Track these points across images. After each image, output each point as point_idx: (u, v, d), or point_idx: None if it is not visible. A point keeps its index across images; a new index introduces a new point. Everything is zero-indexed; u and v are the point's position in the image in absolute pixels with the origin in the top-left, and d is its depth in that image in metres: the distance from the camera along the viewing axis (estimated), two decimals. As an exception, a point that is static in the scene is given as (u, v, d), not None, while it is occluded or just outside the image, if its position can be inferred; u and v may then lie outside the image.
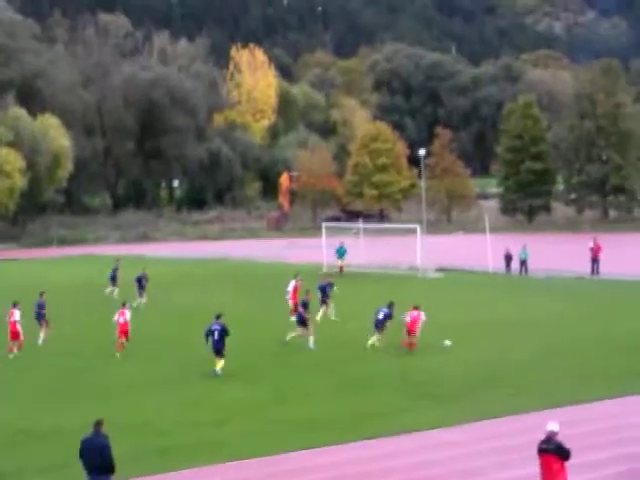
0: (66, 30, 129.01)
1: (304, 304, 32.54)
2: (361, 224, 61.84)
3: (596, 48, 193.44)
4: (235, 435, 21.46)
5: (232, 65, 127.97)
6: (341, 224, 70.63)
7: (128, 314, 31.91)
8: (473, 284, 50.57)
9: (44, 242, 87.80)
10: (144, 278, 43.29)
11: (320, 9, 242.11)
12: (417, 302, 31.67)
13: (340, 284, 41.46)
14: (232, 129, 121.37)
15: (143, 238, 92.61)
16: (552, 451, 14.57)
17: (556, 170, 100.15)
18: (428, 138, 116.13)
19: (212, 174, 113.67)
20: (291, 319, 37.09)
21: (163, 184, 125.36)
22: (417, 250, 54.81)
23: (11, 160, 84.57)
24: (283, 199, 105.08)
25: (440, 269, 55.13)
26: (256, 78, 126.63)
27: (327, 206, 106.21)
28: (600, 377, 26.40)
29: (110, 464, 15.40)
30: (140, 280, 43.16)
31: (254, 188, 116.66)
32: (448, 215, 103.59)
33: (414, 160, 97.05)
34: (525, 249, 54.26)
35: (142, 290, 42.96)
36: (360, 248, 56.89)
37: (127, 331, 31.53)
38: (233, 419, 22.93)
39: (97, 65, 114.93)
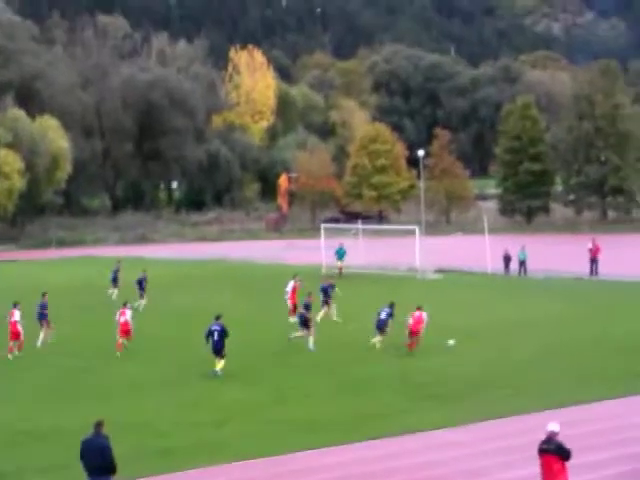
0: (65, 31, 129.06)
1: (306, 306, 32.52)
2: (360, 225, 61.88)
3: (595, 49, 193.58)
4: (235, 436, 21.48)
5: (231, 66, 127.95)
6: (340, 225, 70.69)
7: (129, 314, 32.21)
8: (472, 285, 50.61)
9: (43, 243, 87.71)
10: (144, 280, 43.53)
11: (319, 10, 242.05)
12: (417, 303, 31.67)
13: (339, 285, 41.47)
14: (231, 130, 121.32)
15: (142, 239, 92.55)
16: (553, 451, 14.59)
17: (555, 171, 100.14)
18: (427, 139, 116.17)
19: (211, 175, 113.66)
20: (290, 320, 37.22)
21: (162, 185, 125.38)
22: (416, 251, 54.82)
23: (10, 161, 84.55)
24: (282, 200, 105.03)
25: (439, 270, 55.15)
26: (255, 79, 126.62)
27: (326, 207, 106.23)
28: (599, 378, 26.45)
29: (111, 465, 15.40)
30: (141, 282, 43.45)
31: (253, 189, 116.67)
32: (447, 216, 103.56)
33: (413, 161, 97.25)
34: (524, 250, 54.32)
35: (142, 292, 43.17)
36: (359, 249, 56.89)
37: (128, 330, 31.79)
38: (233, 420, 22.95)
39: (96, 66, 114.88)
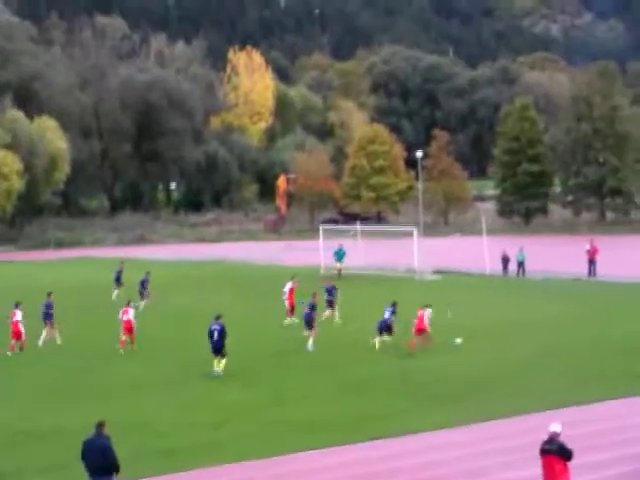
0: (63, 32, 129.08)
1: (312, 306, 32.80)
2: (358, 226, 61.89)
3: (593, 51, 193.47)
4: (234, 436, 21.50)
5: (229, 67, 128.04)
6: (338, 226, 70.62)
7: (132, 312, 32.70)
8: (470, 286, 50.60)
9: (41, 244, 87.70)
10: (147, 281, 44.12)
11: (317, 11, 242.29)
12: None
13: (339, 286, 41.42)
14: (229, 131, 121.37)
15: (140, 240, 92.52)
16: (554, 452, 14.62)
17: (553, 172, 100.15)
18: (425, 140, 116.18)
19: (209, 176, 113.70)
20: (286, 320, 37.41)
21: (160, 186, 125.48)
22: (414, 252, 54.80)
23: (8, 162, 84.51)
24: (280, 201, 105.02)
25: (437, 271, 55.17)
26: (253, 80, 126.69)
27: (324, 208, 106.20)
28: (598, 378, 26.48)
29: (114, 464, 15.49)
30: (143, 283, 44.04)
31: (251, 190, 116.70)
32: (445, 217, 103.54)
33: (411, 162, 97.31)
34: (522, 251, 54.35)
35: (144, 292, 43.68)
36: (357, 250, 56.89)
37: (131, 328, 32.23)
38: (232, 420, 22.98)
39: (94, 67, 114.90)
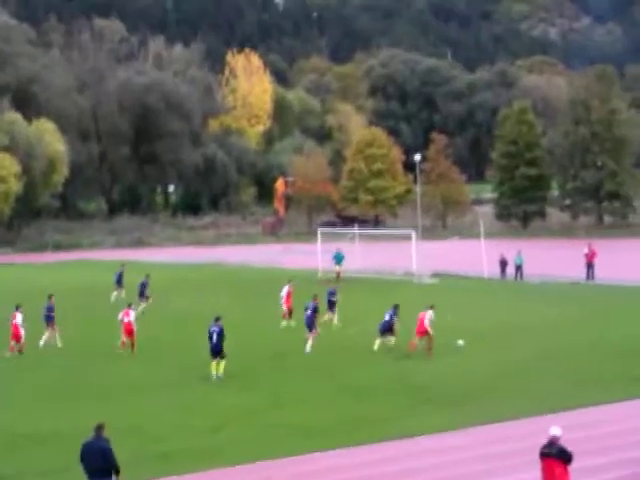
0: (61, 35, 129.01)
1: (315, 308, 32.96)
2: (356, 229, 61.93)
3: (591, 54, 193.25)
4: (232, 440, 21.50)
5: (227, 70, 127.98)
6: (336, 229, 70.70)
7: (132, 315, 32.83)
8: (468, 289, 50.64)
9: (39, 247, 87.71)
10: (146, 284, 44.26)
11: (315, 14, 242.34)
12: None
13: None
14: (227, 134, 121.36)
15: (138, 243, 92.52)
16: (554, 455, 14.61)
17: (551, 176, 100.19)
18: (423, 144, 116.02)
19: (207, 179, 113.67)
20: (283, 323, 37.49)
21: (158, 189, 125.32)
22: (412, 256, 54.88)
23: (6, 165, 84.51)
24: (278, 204, 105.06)
25: (435, 274, 55.20)
26: (251, 83, 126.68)
27: (322, 211, 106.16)
28: (596, 382, 26.47)
29: (114, 466, 15.54)
30: (143, 285, 44.11)
31: (249, 193, 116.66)
32: (443, 221, 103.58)
33: (409, 166, 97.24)
34: (520, 254, 54.37)
35: (143, 295, 43.75)
36: (355, 254, 56.92)
37: (131, 331, 32.38)
38: (230, 424, 22.98)
39: (92, 70, 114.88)
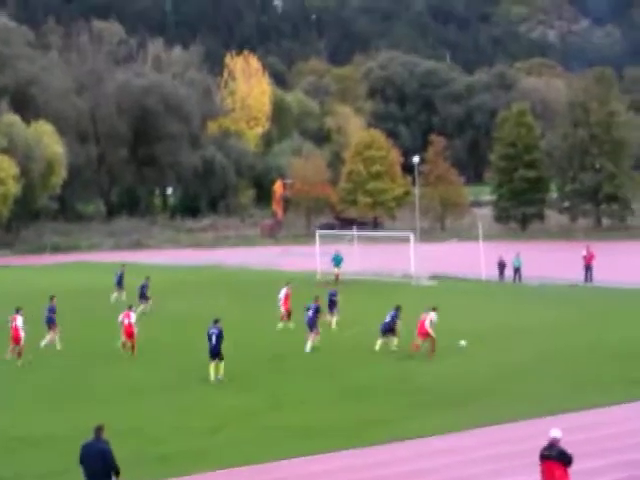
0: (60, 37, 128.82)
1: (316, 309, 33.16)
2: (355, 232, 61.91)
3: (590, 56, 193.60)
4: (231, 442, 21.50)
5: (226, 72, 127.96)
6: (335, 232, 70.65)
7: (133, 317, 32.90)
8: (466, 292, 50.64)
9: (37, 249, 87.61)
10: (146, 286, 44.39)
11: (314, 17, 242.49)
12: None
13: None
14: (226, 136, 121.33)
15: (137, 245, 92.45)
16: (554, 457, 14.61)
17: (549, 178, 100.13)
18: (422, 146, 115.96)
19: (206, 182, 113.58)
20: (280, 324, 37.54)
21: (157, 191, 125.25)
22: (411, 258, 54.86)
23: (5, 167, 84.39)
24: (277, 207, 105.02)
25: (434, 277, 55.19)
26: (250, 85, 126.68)
27: (321, 214, 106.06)
28: (594, 384, 26.49)
29: (114, 467, 15.55)
30: (143, 288, 44.25)
31: (248, 196, 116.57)
32: (442, 223, 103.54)
33: (408, 168, 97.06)
34: (519, 257, 54.38)
35: (143, 297, 43.90)
36: (354, 256, 56.91)
37: (132, 333, 32.45)
38: (229, 426, 22.99)
39: (91, 72, 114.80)
